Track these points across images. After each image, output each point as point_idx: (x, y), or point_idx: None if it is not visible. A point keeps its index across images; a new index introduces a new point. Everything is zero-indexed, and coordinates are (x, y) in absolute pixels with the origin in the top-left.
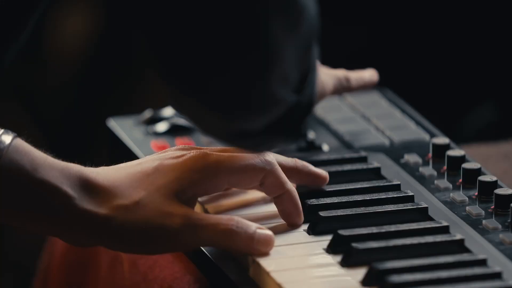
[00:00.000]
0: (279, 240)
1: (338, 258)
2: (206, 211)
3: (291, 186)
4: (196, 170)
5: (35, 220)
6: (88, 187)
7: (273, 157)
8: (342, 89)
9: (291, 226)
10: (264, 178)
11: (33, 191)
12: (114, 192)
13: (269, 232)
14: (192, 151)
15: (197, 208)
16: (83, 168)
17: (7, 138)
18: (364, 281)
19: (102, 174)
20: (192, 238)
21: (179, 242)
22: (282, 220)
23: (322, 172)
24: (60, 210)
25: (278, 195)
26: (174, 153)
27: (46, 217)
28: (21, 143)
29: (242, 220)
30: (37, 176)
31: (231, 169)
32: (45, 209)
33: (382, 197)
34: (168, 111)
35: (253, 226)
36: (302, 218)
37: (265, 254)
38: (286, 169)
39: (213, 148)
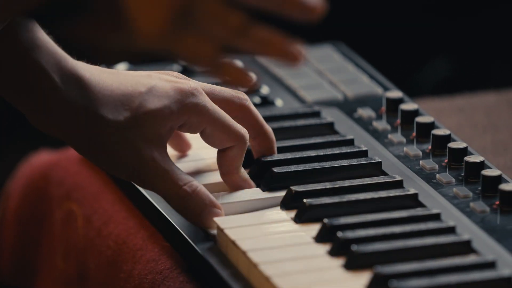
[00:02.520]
0: (234, 196)
1: (292, 214)
2: None
3: (243, 171)
4: (184, 103)
5: (14, 91)
6: (79, 84)
7: (248, 136)
8: None
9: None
10: (230, 149)
11: (23, 69)
12: (102, 101)
13: (222, 213)
14: (185, 81)
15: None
16: (79, 64)
17: None
18: (317, 237)
19: (96, 76)
20: (147, 183)
21: (135, 178)
22: None
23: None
24: (42, 93)
25: (230, 173)
26: (169, 77)
27: (26, 93)
28: (29, 20)
29: (201, 189)
30: (32, 55)
31: (213, 120)
32: (29, 89)
33: (336, 152)
34: (120, 67)
35: (207, 200)
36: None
37: (209, 227)
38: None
39: (202, 84)
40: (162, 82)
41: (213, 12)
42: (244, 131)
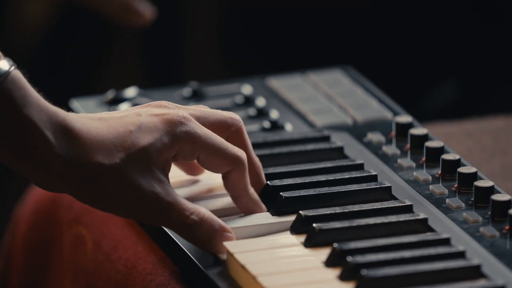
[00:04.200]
0: (243, 221)
1: (302, 238)
2: None
3: (253, 193)
4: (174, 133)
5: (12, 155)
6: (71, 136)
7: (245, 158)
8: None
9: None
10: (229, 173)
11: (15, 128)
12: (95, 148)
13: (233, 237)
14: (172, 109)
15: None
16: (69, 116)
17: (6, 66)
18: (327, 262)
19: (86, 125)
20: (154, 219)
21: (143, 217)
22: None
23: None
24: (37, 153)
25: (238, 196)
26: (157, 109)
27: (22, 156)
28: (20, 76)
29: (209, 216)
30: (24, 113)
31: (205, 146)
32: (23, 148)
33: (345, 176)
34: (130, 92)
35: (217, 225)
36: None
37: (221, 252)
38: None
39: (190, 108)
40: (150, 117)
41: None
42: (240, 152)
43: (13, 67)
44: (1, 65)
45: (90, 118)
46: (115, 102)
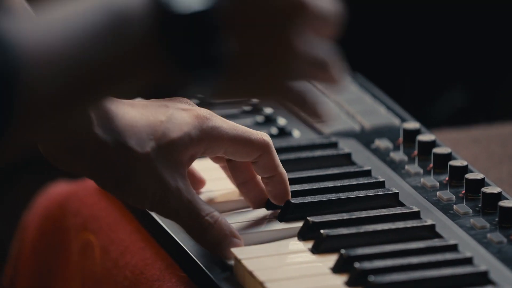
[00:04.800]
0: (251, 227)
1: (309, 244)
2: None
3: (282, 169)
4: (202, 129)
5: (50, 134)
6: (107, 118)
7: (270, 139)
8: None
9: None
10: (259, 157)
11: None
12: (130, 133)
13: (242, 243)
14: (197, 108)
15: None
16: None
17: None
18: (335, 268)
19: (120, 108)
20: (170, 213)
21: (159, 209)
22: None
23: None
24: (77, 132)
25: (268, 176)
26: (183, 104)
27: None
28: None
29: (222, 220)
30: None
31: (233, 138)
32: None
33: (353, 183)
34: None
35: (228, 230)
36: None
37: (228, 257)
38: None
39: (213, 113)
40: (179, 111)
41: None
42: (265, 136)
43: None
44: None
45: (122, 102)
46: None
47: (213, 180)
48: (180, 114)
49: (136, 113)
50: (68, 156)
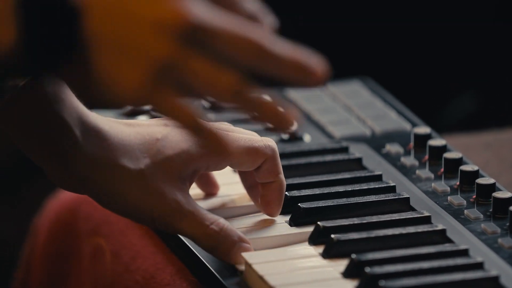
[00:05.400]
0: (261, 232)
1: (320, 249)
2: None
3: (283, 177)
4: (202, 145)
5: (40, 150)
6: (99, 137)
7: (275, 144)
8: None
9: (267, 215)
10: (263, 163)
11: (45, 123)
12: (122, 151)
13: (251, 248)
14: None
15: None
16: (98, 118)
17: None
18: (345, 273)
19: (115, 128)
20: (174, 227)
21: (161, 224)
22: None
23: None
24: (65, 150)
25: (267, 182)
26: None
27: (49, 152)
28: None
29: (228, 227)
30: (56, 109)
31: (237, 150)
32: (51, 144)
33: (364, 187)
34: None
35: (235, 236)
36: (279, 211)
37: (239, 263)
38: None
39: (215, 124)
40: (177, 129)
41: (201, 71)
42: (270, 142)
43: None
44: None
45: (118, 122)
46: (133, 114)
47: (227, 184)
48: (179, 132)
49: (131, 132)
50: (68, 180)
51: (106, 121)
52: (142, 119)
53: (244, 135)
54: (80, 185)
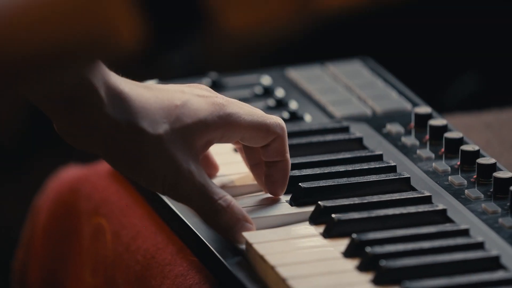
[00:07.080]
0: (262, 211)
1: (321, 229)
2: None
3: (289, 157)
4: (219, 115)
5: (64, 109)
6: (121, 99)
7: (284, 123)
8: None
9: (271, 194)
10: (272, 141)
11: (72, 83)
12: (142, 115)
13: (254, 227)
14: (215, 95)
15: None
16: (119, 79)
17: None
18: (346, 252)
19: (135, 90)
20: (183, 197)
21: (171, 192)
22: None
23: None
24: (88, 110)
25: (273, 161)
26: (201, 91)
27: (74, 111)
28: None
29: (235, 204)
30: (82, 69)
31: (250, 124)
32: (76, 103)
33: (364, 167)
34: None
35: (240, 214)
36: (284, 191)
37: (239, 241)
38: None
39: (230, 99)
40: (195, 97)
41: None
42: (279, 120)
43: None
44: None
45: (137, 84)
46: None
47: (227, 164)
48: (197, 100)
49: (151, 96)
50: (82, 135)
51: (127, 83)
52: (151, 82)
53: (258, 110)
54: (98, 145)
